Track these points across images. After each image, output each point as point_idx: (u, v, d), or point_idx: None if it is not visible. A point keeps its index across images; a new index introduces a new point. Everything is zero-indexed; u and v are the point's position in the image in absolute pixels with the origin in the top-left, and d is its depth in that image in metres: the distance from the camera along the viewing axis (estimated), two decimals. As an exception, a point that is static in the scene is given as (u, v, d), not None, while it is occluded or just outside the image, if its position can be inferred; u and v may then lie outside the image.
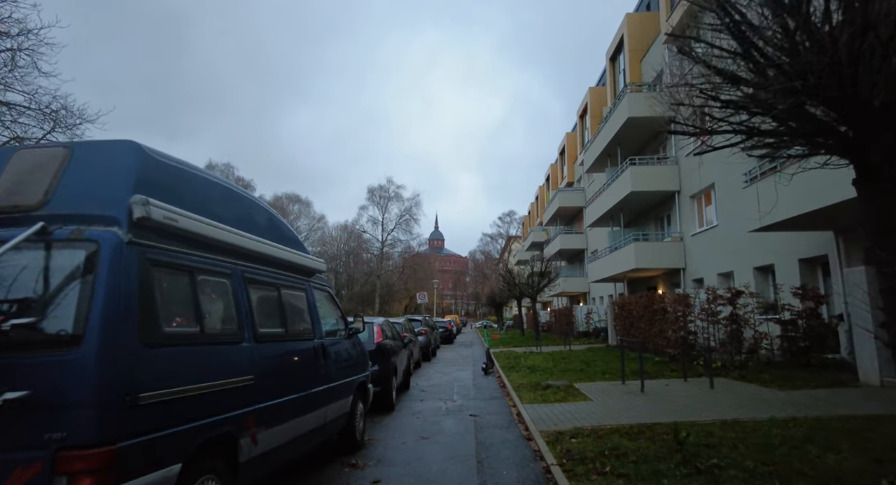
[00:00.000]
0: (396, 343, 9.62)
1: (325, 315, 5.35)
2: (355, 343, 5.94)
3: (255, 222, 4.15)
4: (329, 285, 5.53)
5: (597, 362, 13.20)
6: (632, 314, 16.32)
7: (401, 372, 9.61)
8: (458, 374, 13.61)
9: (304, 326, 4.62)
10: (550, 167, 44.36)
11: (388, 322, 9.81)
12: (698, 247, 17.12)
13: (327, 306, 5.51)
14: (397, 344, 9.67)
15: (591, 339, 24.32)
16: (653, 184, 18.69)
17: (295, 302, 4.57)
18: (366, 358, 6.32)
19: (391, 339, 9.29)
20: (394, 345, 9.11)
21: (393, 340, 9.34)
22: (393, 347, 8.93)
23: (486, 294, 56.36)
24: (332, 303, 5.64)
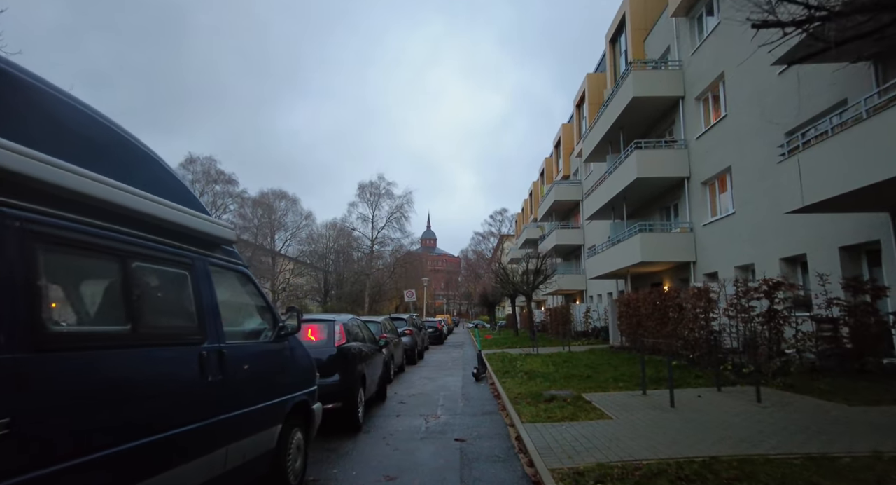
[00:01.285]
0: (368, 347, 7.90)
1: (234, 308, 3.63)
2: (289, 349, 4.20)
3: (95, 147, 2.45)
4: (244, 263, 3.78)
5: (604, 367, 11.54)
6: (639, 312, 14.69)
7: (373, 381, 7.89)
8: (446, 380, 11.90)
9: (181, 323, 2.89)
10: (545, 161, 42.79)
11: (357, 321, 8.07)
12: (711, 238, 15.53)
13: (239, 295, 3.77)
14: (369, 348, 7.94)
15: (590, 339, 22.72)
16: (660, 169, 17.09)
17: (164, 285, 2.83)
18: (309, 369, 4.60)
19: (361, 341, 7.55)
20: (363, 349, 7.38)
21: (364, 344, 7.61)
22: (361, 352, 7.20)
23: (478, 293, 54.73)
24: (250, 290, 3.89)
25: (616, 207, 21.26)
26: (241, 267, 3.76)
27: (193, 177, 48.09)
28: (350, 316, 7.77)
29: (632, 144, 17.55)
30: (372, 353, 7.92)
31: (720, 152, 14.85)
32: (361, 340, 7.60)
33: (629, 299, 15.62)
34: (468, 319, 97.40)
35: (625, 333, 16.58)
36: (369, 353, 7.72)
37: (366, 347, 7.72)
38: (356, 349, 6.98)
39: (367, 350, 7.68)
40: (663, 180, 17.54)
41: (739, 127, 13.72)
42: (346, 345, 6.60)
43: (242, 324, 3.81)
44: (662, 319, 13.03)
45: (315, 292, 66.14)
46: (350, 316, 7.77)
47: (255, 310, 3.95)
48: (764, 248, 12.61)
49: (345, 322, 6.98)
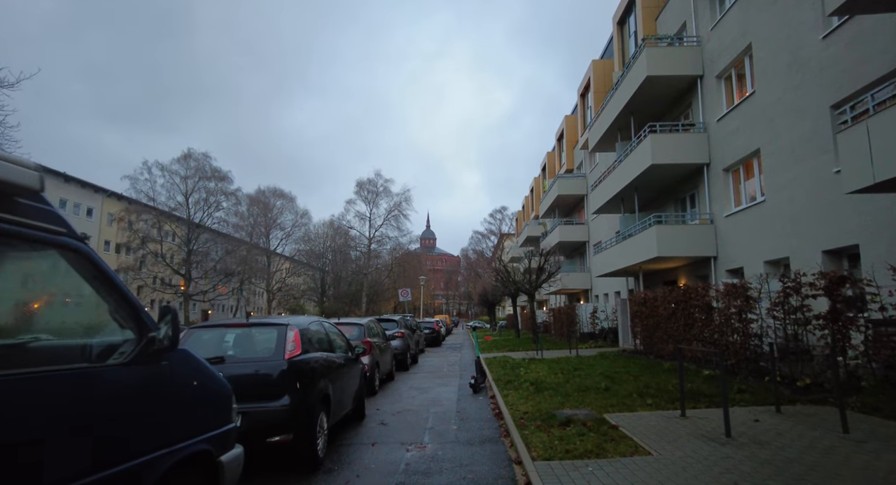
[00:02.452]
0: (340, 357, 6.35)
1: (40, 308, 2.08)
2: (168, 373, 2.64)
3: None
4: (72, 232, 2.22)
5: (622, 376, 9.98)
6: (657, 313, 13.15)
7: (344, 400, 6.34)
8: (439, 391, 10.34)
9: None
10: (547, 155, 41.22)
11: (323, 325, 6.48)
12: (735, 230, 13.98)
13: (55, 285, 2.22)
14: (341, 358, 6.40)
15: (597, 341, 21.17)
16: (677, 156, 15.53)
17: None
18: (217, 400, 3.06)
19: (327, 350, 6.00)
20: (329, 361, 5.82)
21: (331, 354, 6.05)
22: (326, 365, 5.65)
23: (478, 293, 53.18)
24: (82, 275, 2.31)
25: (626, 199, 19.71)
26: (64, 239, 2.20)
27: (187, 173, 46.56)
28: (313, 319, 6.21)
29: (645, 128, 15.99)
30: (343, 365, 6.36)
31: (746, 135, 13.30)
32: (327, 350, 6.04)
33: (645, 298, 14.07)
34: (468, 319, 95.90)
35: (639, 335, 15.03)
36: (339, 365, 6.17)
37: (336, 357, 6.18)
38: (318, 362, 5.43)
39: (337, 362, 6.13)
40: (680, 168, 15.98)
41: (770, 104, 12.17)
42: (301, 357, 5.05)
43: (62, 336, 2.25)
44: (686, 320, 11.48)
45: (312, 292, 64.67)
46: (313, 319, 6.21)
47: (91, 312, 2.38)
48: (802, 239, 11.06)
49: (302, 327, 5.42)
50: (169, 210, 45.47)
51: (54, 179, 45.64)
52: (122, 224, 44.78)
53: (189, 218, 46.15)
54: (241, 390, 4.62)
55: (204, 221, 47.58)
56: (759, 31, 12.59)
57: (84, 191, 49.21)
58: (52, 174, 45.48)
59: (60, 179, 46.46)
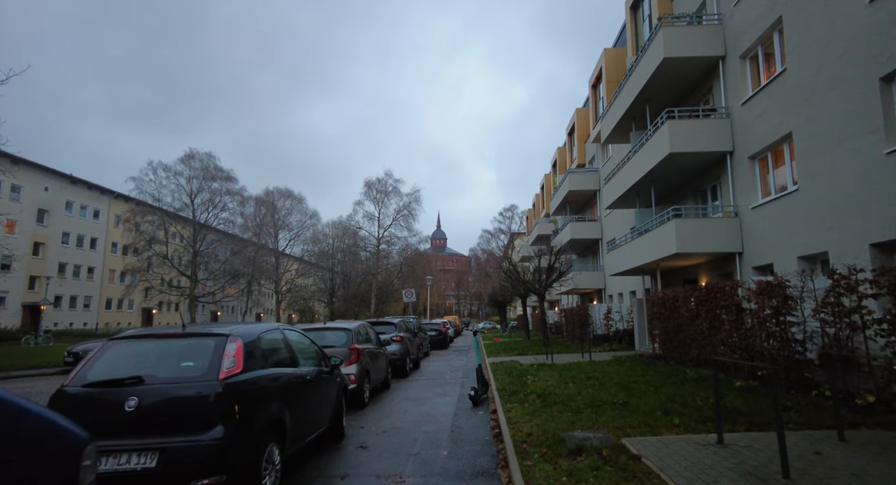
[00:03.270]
0: (309, 372, 5.33)
1: None
2: None
3: None
4: None
5: (641, 387, 8.84)
6: (678, 314, 11.98)
7: (308, 425, 5.30)
8: (436, 403, 9.30)
9: None
10: (557, 151, 39.97)
11: (281, 333, 5.37)
12: (763, 223, 12.74)
13: None
14: (311, 373, 5.39)
15: (612, 344, 19.97)
16: (698, 143, 14.31)
17: None
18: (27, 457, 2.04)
19: (283, 365, 4.97)
20: (284, 379, 4.79)
21: (289, 370, 5.02)
22: (278, 385, 4.63)
23: (487, 294, 52.04)
24: None
25: (642, 193, 18.49)
26: None
27: (191, 173, 46.05)
28: (270, 326, 5.16)
29: (663, 114, 14.78)
30: (310, 381, 5.34)
31: (776, 117, 12.06)
32: (287, 364, 5.02)
33: (664, 298, 12.89)
34: (479, 319, 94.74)
35: (658, 338, 13.84)
36: (303, 382, 5.15)
37: (299, 373, 5.16)
38: (269, 381, 4.41)
39: (300, 379, 5.11)
40: (701, 157, 14.76)
41: (805, 81, 10.94)
42: (243, 377, 4.04)
43: None
44: (711, 323, 10.31)
45: (321, 293, 64.04)
46: (270, 326, 5.16)
47: None
48: (844, 231, 9.82)
49: (249, 338, 4.40)
50: (174, 211, 45.05)
51: (60, 181, 45.50)
52: (128, 225, 44.46)
53: (194, 219, 45.69)
54: (160, 419, 3.62)
55: (209, 221, 47.09)
56: (790, 2, 11.36)
57: (91, 193, 49.07)
58: (58, 176, 45.36)
59: (67, 181, 46.31)
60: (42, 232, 43.26)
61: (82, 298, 47.42)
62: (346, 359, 8.76)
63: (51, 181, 44.33)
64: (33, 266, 42.32)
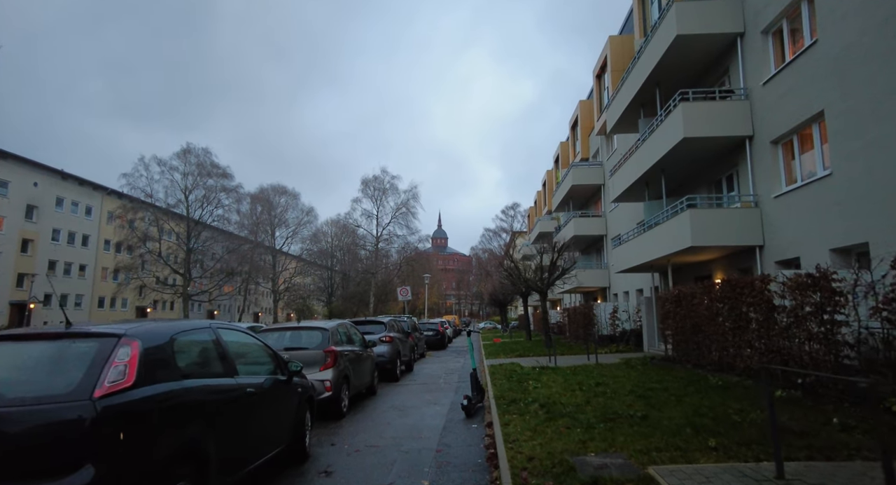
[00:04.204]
0: (229, 385, 4.19)
1: None
2: None
3: None
4: None
5: (660, 395, 7.71)
6: (696, 312, 10.84)
7: (246, 452, 4.18)
8: (425, 413, 8.17)
9: None
10: (560, 146, 38.80)
11: (210, 333, 4.07)
12: (788, 213, 11.60)
13: None
14: (257, 386, 4.27)
15: (618, 345, 18.83)
16: (714, 127, 13.17)
17: None
18: None
19: (216, 374, 3.84)
20: (205, 393, 3.65)
21: (211, 382, 3.87)
22: (194, 402, 3.48)
23: (488, 293, 50.91)
24: None
25: (651, 184, 17.35)
26: None
27: (187, 169, 44.95)
28: (195, 324, 3.99)
29: (676, 96, 13.65)
30: (251, 394, 4.21)
31: (804, 96, 10.91)
32: (215, 374, 3.88)
33: (680, 295, 11.75)
34: (479, 319, 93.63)
35: (671, 339, 12.70)
36: (242, 395, 4.02)
37: (240, 383, 4.04)
38: (184, 398, 3.29)
39: (238, 391, 3.99)
40: (717, 142, 13.60)
41: (840, 53, 9.79)
42: (137, 395, 2.91)
43: None
44: (735, 322, 9.18)
45: (320, 292, 62.93)
46: (195, 324, 3.99)
47: None
48: (887, 218, 8.68)
49: (151, 341, 3.25)
50: (168, 207, 43.98)
51: (51, 177, 44.47)
52: (122, 221, 43.39)
53: (188, 215, 44.60)
54: (10, 454, 2.50)
55: (204, 218, 46.00)
56: (821, -34, 10.22)
57: (83, 189, 48.02)
58: (48, 171, 44.34)
59: (58, 176, 45.27)
60: (31, 228, 42.21)
61: (73, 297, 46.39)
62: (320, 363, 7.66)
63: (40, 176, 43.28)
64: (21, 263, 41.28)
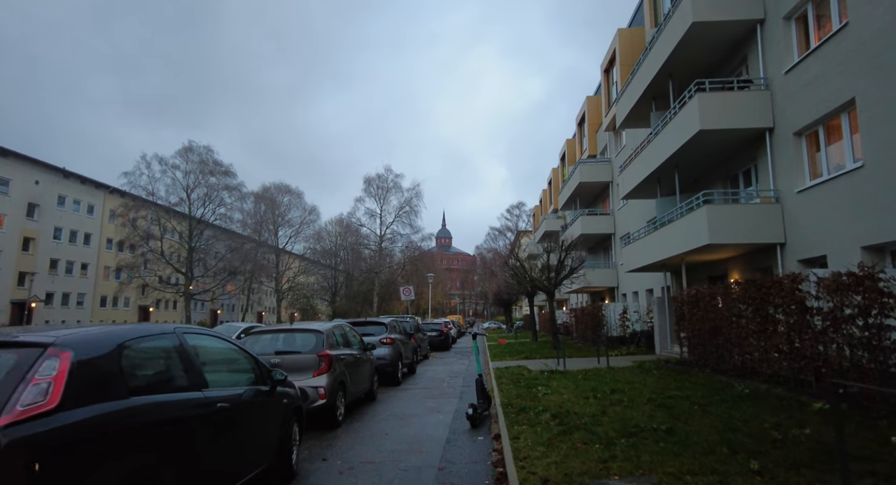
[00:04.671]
0: (209, 397, 3.61)
1: None
2: None
3: None
4: None
5: (682, 404, 7.08)
6: (715, 314, 10.19)
7: (227, 472, 3.60)
8: (426, 423, 7.58)
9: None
10: (566, 143, 38.11)
11: (174, 339, 3.35)
12: (813, 208, 10.93)
13: None
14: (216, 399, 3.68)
15: (629, 347, 18.17)
16: (731, 119, 12.50)
17: None
18: None
19: (179, 388, 3.26)
20: (167, 414, 3.06)
21: (182, 398, 3.29)
22: (155, 425, 2.90)
23: (492, 292, 50.27)
24: None
25: (664, 180, 16.68)
26: None
27: (188, 167, 44.60)
28: (144, 329, 3.34)
29: (691, 86, 12.99)
30: (224, 410, 3.62)
31: (831, 84, 10.24)
32: (177, 388, 3.28)
33: (697, 296, 11.11)
34: (483, 319, 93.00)
35: (687, 342, 12.05)
36: (212, 412, 3.44)
37: (210, 396, 3.46)
38: (130, 421, 2.70)
39: (207, 406, 3.40)
40: (734, 135, 12.94)
41: (873, 38, 9.12)
42: (63, 420, 2.32)
43: None
44: (761, 324, 8.53)
45: (324, 292, 62.48)
46: (144, 329, 3.34)
47: None
48: (928, 213, 8.02)
49: (88, 352, 2.58)
50: (169, 206, 43.64)
51: (53, 175, 44.20)
52: (123, 220, 43.07)
53: (190, 214, 44.23)
54: None
55: (206, 217, 45.63)
56: (852, -57, 9.55)
57: (85, 187, 47.74)
58: (50, 169, 44.07)
59: (59, 174, 45.00)
60: (32, 227, 41.92)
61: (75, 296, 46.10)
62: (314, 369, 7.08)
63: (42, 175, 43.00)
64: (23, 262, 40.99)
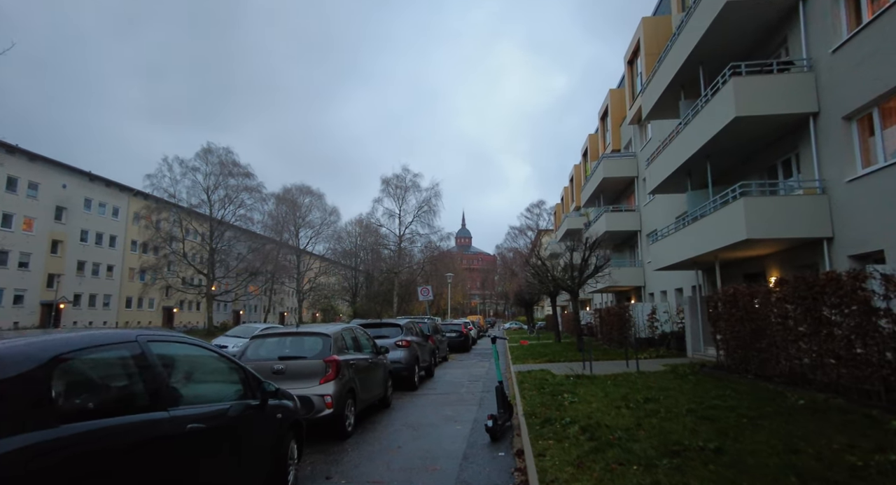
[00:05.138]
0: (175, 417, 3.07)
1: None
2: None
3: None
4: None
5: (726, 416, 6.32)
6: (757, 315, 9.34)
7: None
8: (442, 434, 6.98)
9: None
10: (588, 138, 37.09)
11: (138, 348, 2.83)
12: (867, 199, 9.96)
13: None
14: (185, 419, 3.13)
15: (658, 349, 17.26)
16: (771, 104, 11.58)
17: None
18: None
19: (138, 408, 2.72)
20: (116, 443, 2.52)
21: (138, 420, 2.75)
22: (99, 456, 2.36)
23: (513, 292, 49.39)
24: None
25: (695, 173, 15.76)
26: None
27: (209, 169, 44.95)
28: (85, 338, 2.74)
29: (726, 70, 12.09)
30: (198, 432, 3.06)
31: (888, 61, 9.28)
32: (136, 408, 2.74)
33: (736, 294, 10.24)
34: (504, 319, 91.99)
35: (724, 345, 11.16)
36: (178, 436, 2.89)
37: (177, 415, 2.91)
38: (46, 458, 2.15)
39: (174, 429, 2.86)
40: (774, 121, 11.99)
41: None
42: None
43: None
44: (813, 326, 7.68)
45: (344, 292, 62.48)
46: (85, 338, 2.74)
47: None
48: None
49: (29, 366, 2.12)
50: (191, 207, 44.06)
51: (79, 179, 45.05)
52: (148, 221, 43.66)
53: (211, 215, 44.58)
54: None
55: (226, 218, 45.95)
56: None
57: (109, 190, 48.57)
58: (77, 173, 44.93)
59: (85, 178, 45.86)
60: (60, 230, 42.78)
61: (101, 297, 46.92)
62: (320, 375, 6.54)
63: (69, 178, 43.87)
64: (51, 264, 41.85)
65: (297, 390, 6.42)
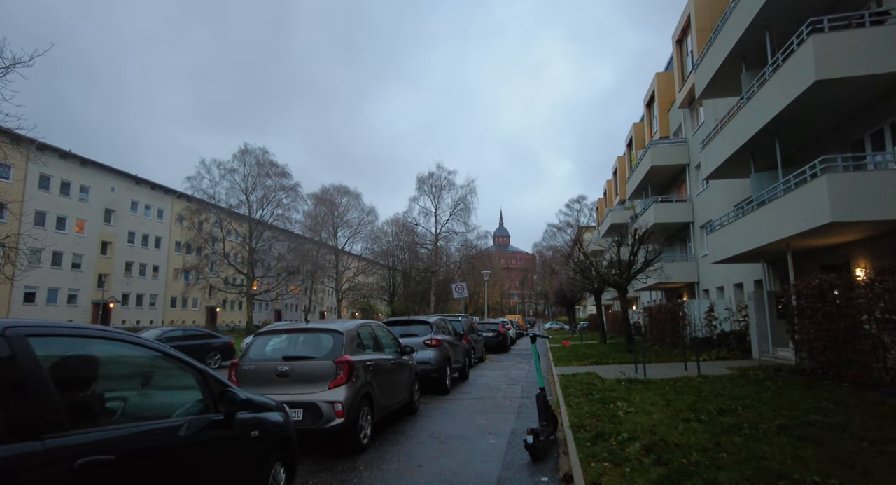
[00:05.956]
0: (100, 439, 2.13)
1: None
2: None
3: None
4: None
5: (836, 437, 4.97)
6: (854, 311, 7.79)
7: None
8: (474, 450, 5.90)
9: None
10: (633, 127, 35.07)
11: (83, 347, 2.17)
12: None
13: None
14: (58, 456, 2.19)
15: (719, 350, 15.53)
16: (861, 64, 9.87)
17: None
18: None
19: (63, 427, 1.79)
20: None
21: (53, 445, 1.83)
22: None
23: (553, 291, 47.62)
24: None
25: (759, 153, 14.02)
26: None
27: (247, 170, 45.54)
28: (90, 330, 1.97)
29: (803, 27, 10.45)
30: (123, 463, 2.13)
31: None
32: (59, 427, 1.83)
33: (822, 287, 8.67)
34: (545, 319, 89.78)
35: (808, 346, 9.56)
36: (70, 472, 1.95)
37: (75, 444, 1.99)
38: None
39: (63, 465, 1.93)
40: (863, 85, 10.24)
41: None
42: None
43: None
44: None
45: (382, 291, 62.35)
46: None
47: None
48: None
49: None
50: (230, 208, 44.72)
51: (126, 182, 46.54)
52: (191, 222, 44.64)
53: (250, 215, 45.10)
54: None
55: (265, 218, 46.42)
56: None
57: (154, 192, 50.00)
58: (124, 176, 46.43)
59: (132, 181, 47.33)
60: (109, 231, 44.26)
61: (148, 297, 48.32)
62: (329, 379, 5.60)
63: (117, 182, 45.36)
64: (101, 265, 43.33)
65: (303, 396, 5.52)
